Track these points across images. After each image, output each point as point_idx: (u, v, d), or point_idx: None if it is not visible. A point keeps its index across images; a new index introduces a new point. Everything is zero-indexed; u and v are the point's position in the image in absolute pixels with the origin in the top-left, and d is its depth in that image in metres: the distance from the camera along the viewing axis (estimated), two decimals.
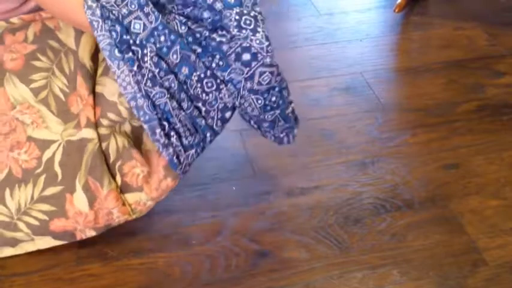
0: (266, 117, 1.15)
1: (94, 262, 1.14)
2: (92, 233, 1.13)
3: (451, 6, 1.97)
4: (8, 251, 1.13)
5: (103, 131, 1.09)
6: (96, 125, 1.08)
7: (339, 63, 1.69)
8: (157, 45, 1.03)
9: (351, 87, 1.60)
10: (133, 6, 1.01)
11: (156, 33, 1.02)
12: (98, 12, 0.98)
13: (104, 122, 1.09)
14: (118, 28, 0.99)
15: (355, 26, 1.87)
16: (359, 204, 1.25)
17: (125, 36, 1.00)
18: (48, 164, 1.07)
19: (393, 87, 1.63)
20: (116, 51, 0.99)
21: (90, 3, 0.99)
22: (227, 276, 1.11)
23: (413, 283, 1.09)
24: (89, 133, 1.07)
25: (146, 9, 1.01)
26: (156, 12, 1.01)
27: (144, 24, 1.01)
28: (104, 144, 1.09)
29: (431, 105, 1.53)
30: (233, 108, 1.16)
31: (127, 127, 1.13)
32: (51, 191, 1.07)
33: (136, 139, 1.14)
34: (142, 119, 1.06)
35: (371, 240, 1.17)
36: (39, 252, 1.13)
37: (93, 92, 1.10)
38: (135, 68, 1.02)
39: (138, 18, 1.01)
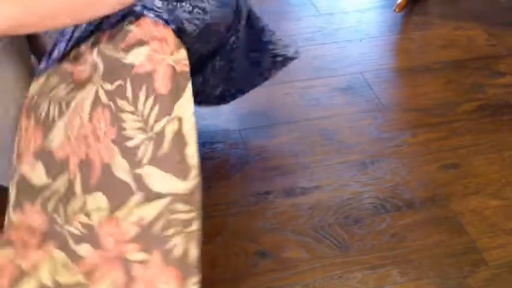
0: None
1: None
2: None
3: (451, 6, 1.97)
4: None
5: None
6: None
7: (339, 63, 1.69)
8: None
9: (351, 87, 1.59)
10: None
11: None
12: None
13: None
14: None
15: (355, 26, 1.87)
16: (359, 204, 1.25)
17: None
18: None
19: (393, 87, 1.63)
20: None
21: None
22: (227, 276, 1.11)
23: (413, 283, 1.09)
24: None
25: None
26: None
27: None
28: None
29: (431, 105, 1.52)
30: None
31: None
32: None
33: None
34: None
35: (371, 240, 1.17)
36: None
37: None
38: None
39: None
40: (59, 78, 1.12)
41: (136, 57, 0.99)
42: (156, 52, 0.97)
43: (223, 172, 1.33)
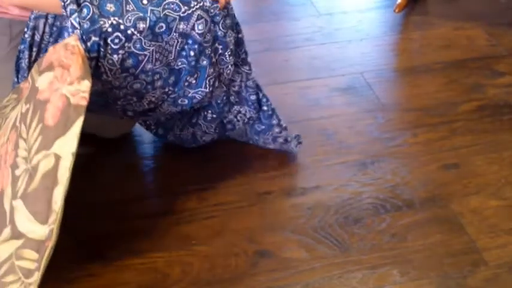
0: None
1: (94, 262, 1.14)
2: None
3: (451, 6, 1.97)
4: None
5: None
6: None
7: (339, 63, 1.69)
8: None
9: (351, 87, 1.59)
10: None
11: None
12: None
13: None
14: None
15: (355, 26, 1.87)
16: (359, 204, 1.25)
17: None
18: None
19: (393, 87, 1.63)
20: None
21: None
22: (227, 276, 1.11)
23: (413, 283, 1.09)
24: None
25: None
26: None
27: None
28: None
29: (432, 105, 1.52)
30: None
31: None
32: None
33: None
34: None
35: (371, 240, 1.17)
36: None
37: None
38: None
39: None
40: (16, 94, 1.10)
41: (42, 82, 0.93)
42: (56, 80, 0.91)
43: (223, 172, 1.33)
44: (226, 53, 1.12)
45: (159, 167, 1.38)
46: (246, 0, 2.05)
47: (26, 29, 1.08)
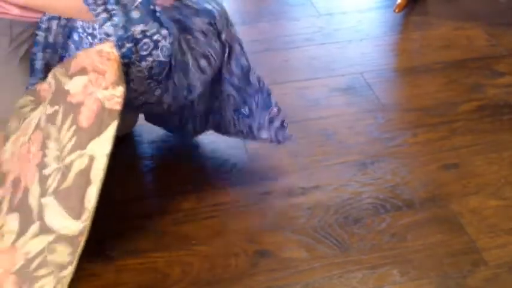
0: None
1: (94, 262, 1.14)
2: None
3: (451, 6, 1.97)
4: None
5: None
6: None
7: (338, 63, 1.69)
8: None
9: (351, 87, 1.59)
10: None
11: None
12: None
13: None
14: None
15: (355, 26, 1.87)
16: (359, 204, 1.25)
17: None
18: None
19: (393, 87, 1.63)
20: None
21: None
22: (227, 276, 1.11)
23: (413, 283, 1.09)
24: None
25: None
26: None
27: None
28: None
29: (431, 105, 1.52)
30: None
31: None
32: None
33: None
34: None
35: (371, 240, 1.17)
36: None
37: None
38: None
39: None
40: (33, 97, 1.11)
41: (75, 86, 0.96)
42: (90, 84, 0.94)
43: (223, 172, 1.33)
44: (197, 35, 1.13)
45: (159, 167, 1.38)
46: (246, 0, 2.05)
47: (38, 31, 1.09)
